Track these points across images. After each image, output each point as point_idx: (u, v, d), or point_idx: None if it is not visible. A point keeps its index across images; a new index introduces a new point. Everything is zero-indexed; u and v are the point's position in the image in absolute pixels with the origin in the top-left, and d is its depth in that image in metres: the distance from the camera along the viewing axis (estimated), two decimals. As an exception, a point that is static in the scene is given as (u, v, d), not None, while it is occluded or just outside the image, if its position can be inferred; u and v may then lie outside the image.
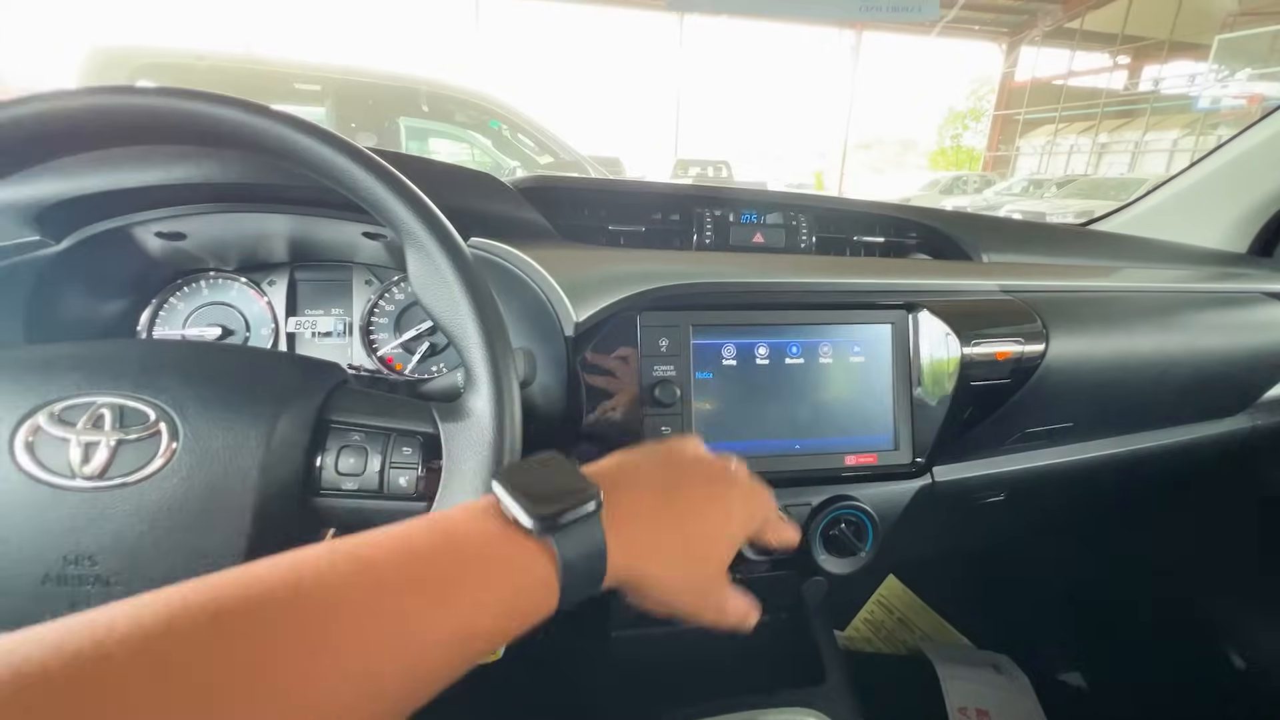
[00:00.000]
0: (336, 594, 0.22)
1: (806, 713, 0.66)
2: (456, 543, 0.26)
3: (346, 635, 0.21)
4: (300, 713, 0.19)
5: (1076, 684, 1.08)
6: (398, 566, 0.24)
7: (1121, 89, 15.62)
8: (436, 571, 0.24)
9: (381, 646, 0.22)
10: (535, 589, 0.27)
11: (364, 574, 0.23)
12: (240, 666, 0.19)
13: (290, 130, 0.36)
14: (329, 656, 0.20)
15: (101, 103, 0.34)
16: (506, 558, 0.26)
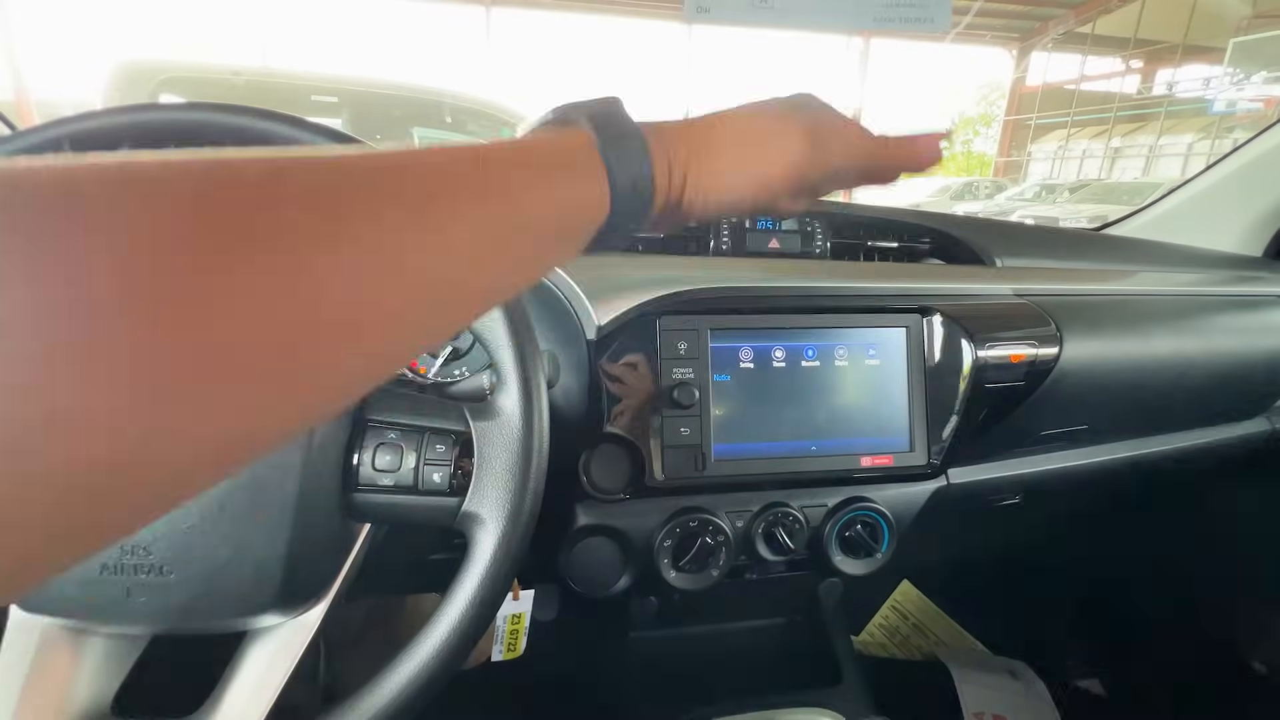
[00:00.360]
0: (446, 165, 0.21)
1: (823, 713, 0.67)
2: (480, 149, 0.24)
3: (465, 195, 0.20)
4: (415, 272, 0.18)
5: (1094, 691, 1.07)
6: (499, 149, 0.23)
7: (1135, 93, 15.50)
8: (528, 153, 0.24)
9: (499, 207, 0.21)
10: (575, 170, 0.26)
11: (469, 152, 0.22)
12: (355, 219, 0.17)
13: (329, 142, 0.37)
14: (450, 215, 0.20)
15: (152, 119, 0.36)
16: (562, 144, 0.26)
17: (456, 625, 0.35)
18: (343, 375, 0.18)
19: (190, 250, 0.14)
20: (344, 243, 0.16)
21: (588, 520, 0.56)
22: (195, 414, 0.14)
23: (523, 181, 0.23)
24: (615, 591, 0.58)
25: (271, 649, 0.37)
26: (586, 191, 0.26)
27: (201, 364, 0.14)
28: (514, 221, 0.22)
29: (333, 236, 0.16)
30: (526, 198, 0.23)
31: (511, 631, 0.62)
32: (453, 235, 0.20)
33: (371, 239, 0.17)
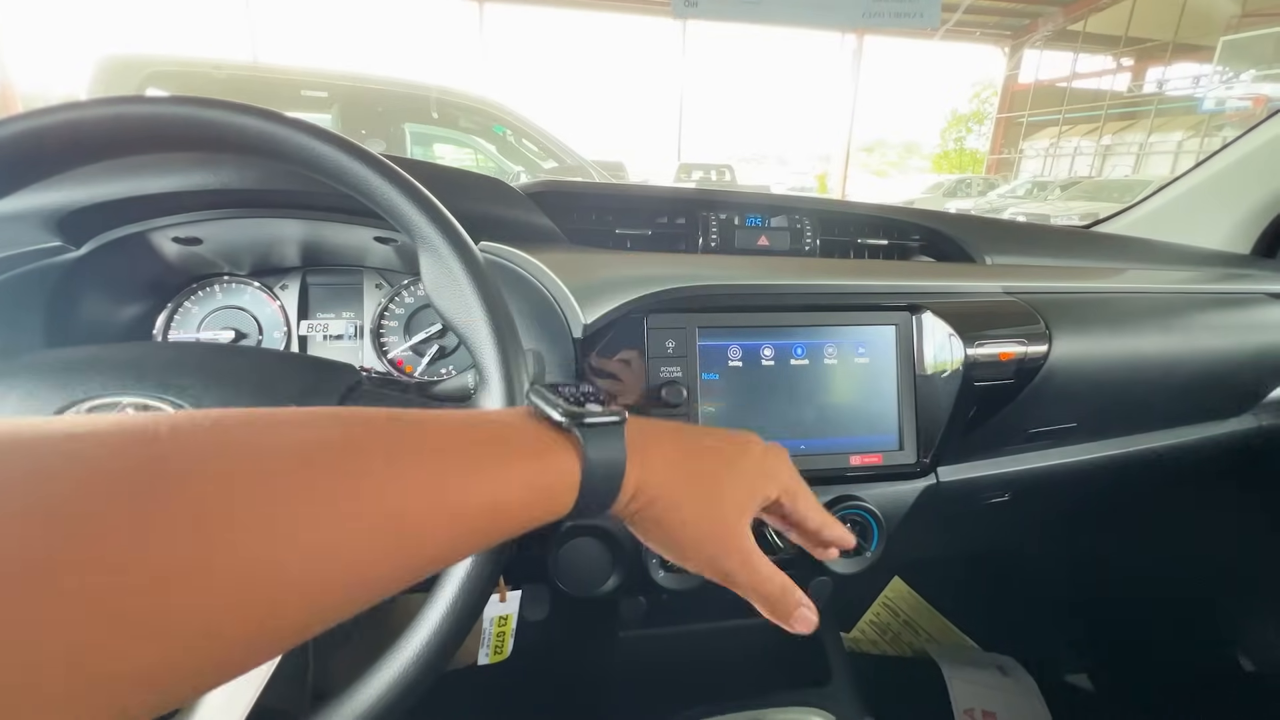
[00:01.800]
0: (382, 443, 0.22)
1: (813, 713, 0.67)
2: (491, 423, 0.27)
3: (386, 481, 0.22)
4: (335, 549, 0.20)
5: (1083, 686, 1.08)
6: (439, 428, 0.25)
7: (1125, 91, 15.59)
8: (473, 442, 0.25)
9: (419, 497, 0.22)
10: (559, 479, 0.27)
11: (409, 429, 0.24)
12: (277, 497, 0.19)
13: (307, 137, 0.37)
14: (371, 498, 0.21)
15: (125, 112, 0.35)
16: (536, 441, 0.28)
17: (437, 630, 0.35)
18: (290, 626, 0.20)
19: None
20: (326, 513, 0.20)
21: (575, 520, 0.56)
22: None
23: (492, 486, 0.25)
24: (604, 592, 0.58)
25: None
26: (556, 502, 0.28)
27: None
28: (487, 507, 0.25)
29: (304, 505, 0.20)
30: (503, 490, 0.25)
31: (498, 634, 0.61)
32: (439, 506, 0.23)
33: (363, 502, 0.21)
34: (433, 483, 0.23)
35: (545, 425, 0.29)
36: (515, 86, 22.53)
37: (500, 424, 0.28)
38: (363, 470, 0.21)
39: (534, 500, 0.27)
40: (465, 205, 0.49)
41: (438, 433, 0.25)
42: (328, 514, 0.20)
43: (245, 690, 0.36)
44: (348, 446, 0.21)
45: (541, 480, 0.27)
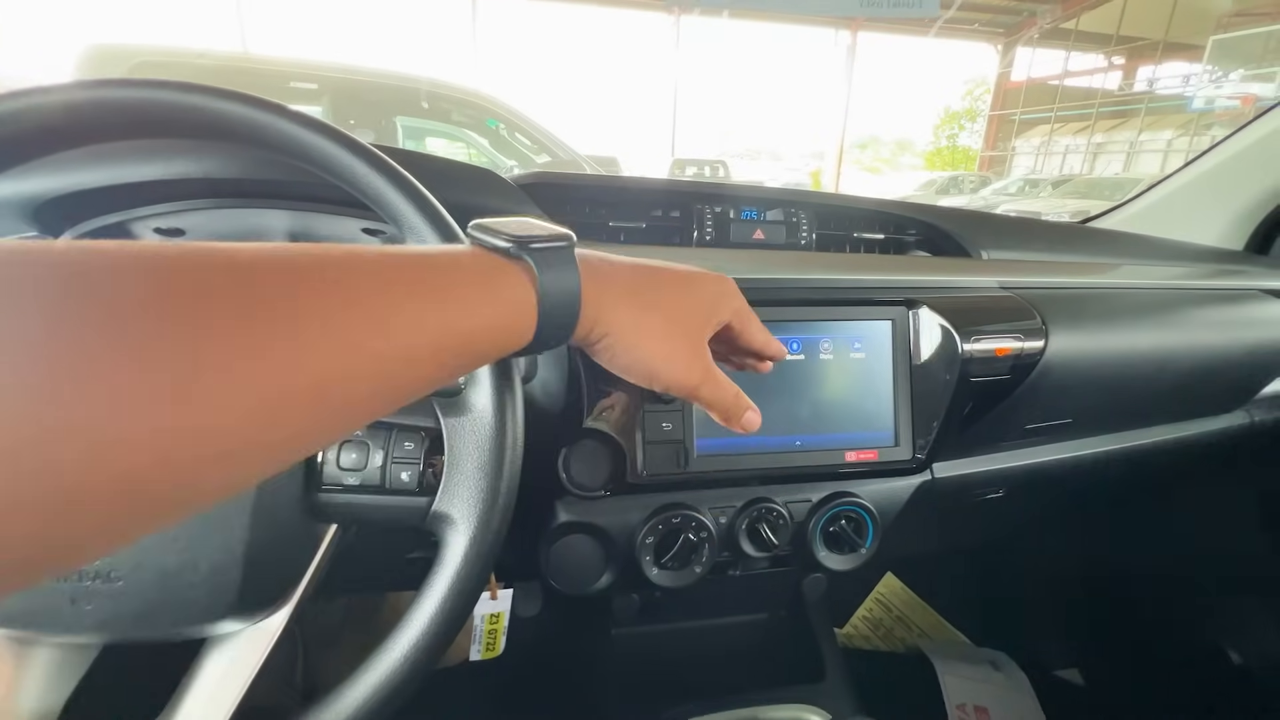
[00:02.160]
0: (333, 272, 0.22)
1: (807, 709, 0.67)
2: (435, 255, 0.26)
3: (340, 310, 0.21)
4: (293, 373, 0.19)
5: (1074, 680, 1.08)
6: (387, 260, 0.24)
7: (1116, 89, 15.69)
8: (421, 272, 0.25)
9: (374, 326, 0.22)
10: (517, 306, 0.27)
11: (357, 261, 0.23)
12: (237, 320, 0.19)
13: (293, 125, 0.35)
14: (322, 326, 0.21)
15: (104, 96, 0.33)
16: (484, 269, 0.27)
17: (427, 629, 0.34)
18: (300, 432, 0.20)
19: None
20: (302, 329, 0.20)
21: (568, 517, 0.55)
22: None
23: (461, 301, 0.25)
24: (597, 589, 0.57)
25: (230, 657, 0.35)
26: (514, 323, 0.28)
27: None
28: (446, 333, 0.25)
29: (292, 322, 0.20)
30: (462, 316, 0.25)
31: (490, 631, 0.60)
32: (394, 330, 0.22)
33: (330, 327, 0.21)
34: (395, 311, 0.23)
35: (495, 255, 0.28)
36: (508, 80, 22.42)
37: (451, 255, 0.27)
38: (353, 301, 0.21)
39: (496, 327, 0.27)
40: (455, 196, 0.48)
41: (400, 266, 0.24)
42: (326, 339, 0.20)
43: (230, 689, 0.35)
44: (339, 279, 0.22)
45: (500, 306, 0.27)
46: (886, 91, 30.34)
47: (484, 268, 0.27)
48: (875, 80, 25.99)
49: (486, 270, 0.27)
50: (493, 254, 0.28)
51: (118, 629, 0.33)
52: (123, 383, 0.16)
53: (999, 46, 17.51)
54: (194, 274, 0.18)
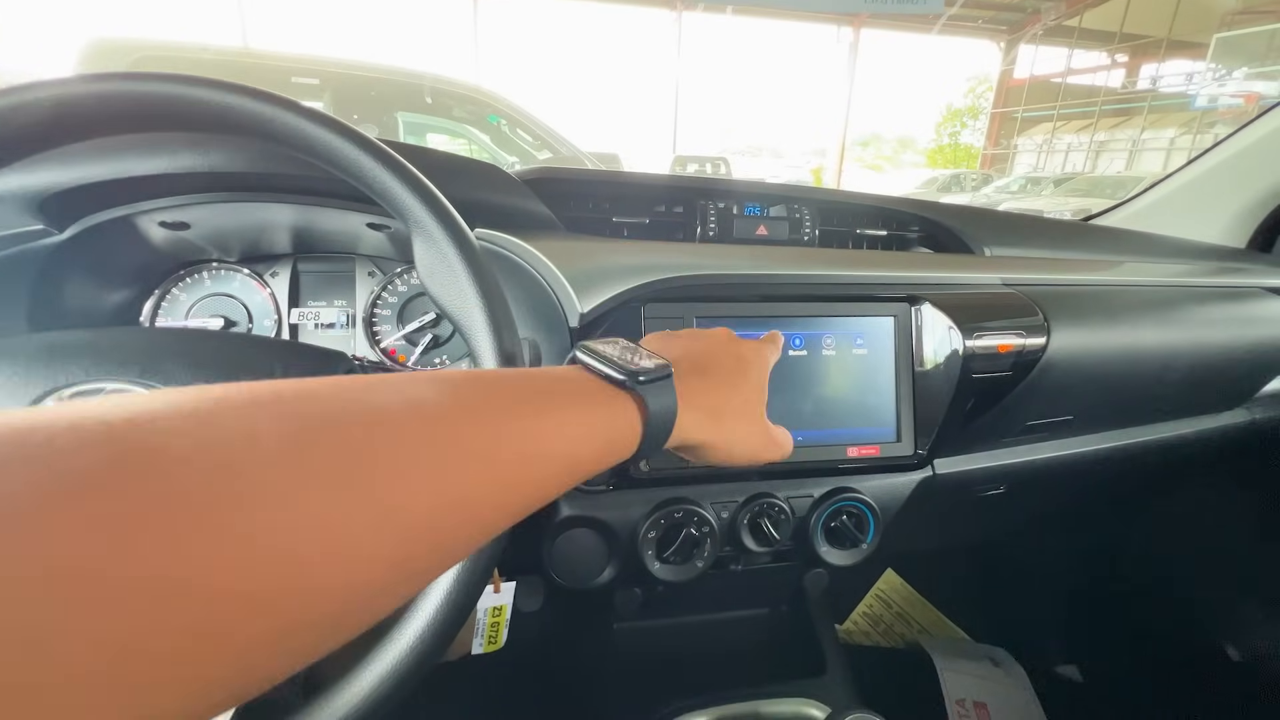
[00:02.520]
0: (480, 397, 0.24)
1: (807, 703, 0.67)
2: (562, 380, 0.30)
3: (489, 431, 0.23)
4: (452, 495, 0.21)
5: (1073, 677, 1.09)
6: (520, 385, 0.27)
7: (1119, 87, 15.64)
8: (553, 395, 0.28)
9: (519, 445, 0.24)
10: (624, 429, 0.30)
11: (496, 386, 0.25)
12: (346, 473, 0.19)
13: (298, 118, 0.36)
14: (478, 447, 0.22)
15: (109, 89, 0.33)
16: (604, 398, 0.30)
17: (430, 621, 0.34)
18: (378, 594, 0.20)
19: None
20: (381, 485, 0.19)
21: (570, 512, 0.55)
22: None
23: (570, 435, 0.27)
24: (599, 584, 0.57)
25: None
26: (620, 444, 0.31)
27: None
28: (551, 465, 0.26)
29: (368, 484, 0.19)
30: (580, 440, 0.28)
31: (493, 624, 0.60)
32: (524, 453, 0.24)
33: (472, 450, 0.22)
34: (528, 432, 0.25)
35: (603, 381, 0.31)
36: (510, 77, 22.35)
37: (569, 380, 0.30)
38: (469, 422, 0.23)
39: (606, 446, 0.30)
40: (460, 191, 0.48)
41: (520, 388, 0.26)
42: (443, 464, 0.21)
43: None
44: (454, 403, 0.23)
45: (611, 429, 0.30)
46: (889, 89, 30.27)
47: (602, 399, 0.30)
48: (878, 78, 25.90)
49: (603, 401, 0.30)
50: (606, 383, 0.31)
51: None
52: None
53: (1002, 44, 17.46)
54: (336, 428, 0.19)
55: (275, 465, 0.16)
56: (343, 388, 0.21)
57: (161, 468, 0.14)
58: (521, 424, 0.25)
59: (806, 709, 0.67)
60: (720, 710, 0.65)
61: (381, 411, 0.20)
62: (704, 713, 0.65)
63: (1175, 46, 13.59)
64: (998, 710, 0.96)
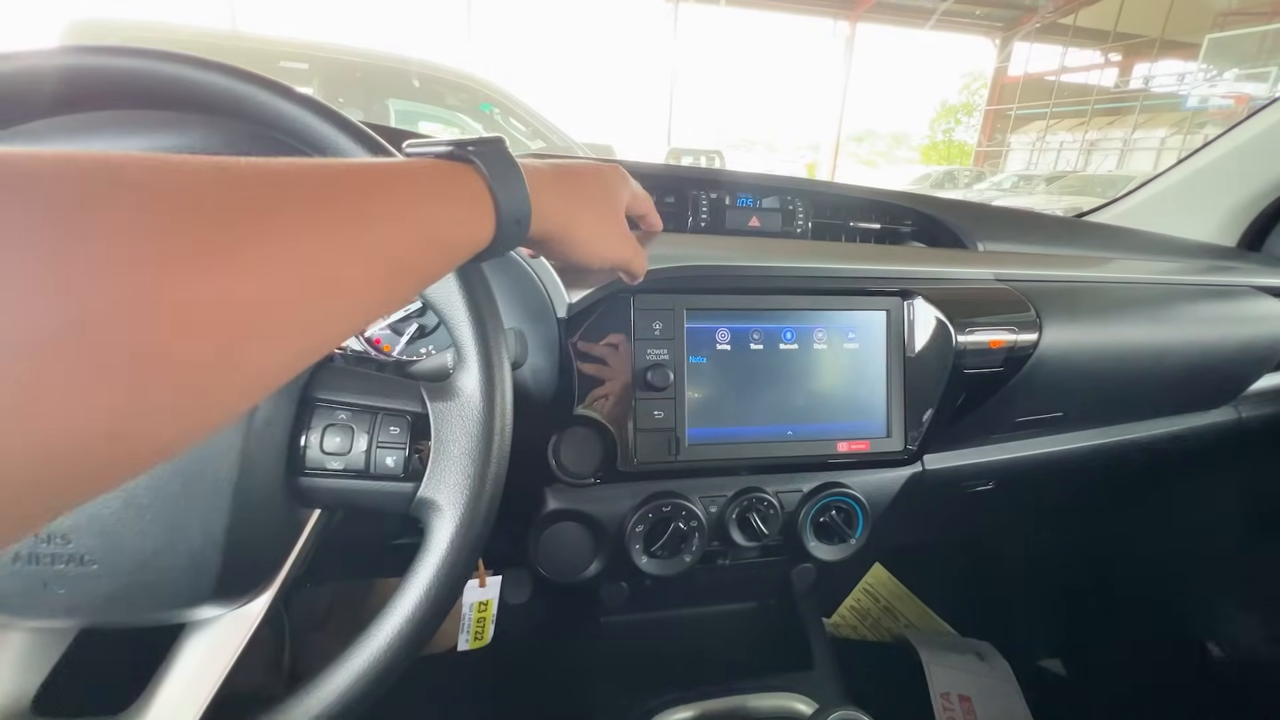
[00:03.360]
0: (282, 187, 0.21)
1: (794, 698, 0.67)
2: (391, 163, 0.26)
3: (296, 225, 0.21)
4: (298, 268, 0.20)
5: (1056, 670, 1.10)
6: (355, 169, 0.24)
7: (1112, 86, 15.71)
8: (389, 176, 0.25)
9: (333, 241, 0.21)
10: (473, 201, 0.29)
11: (331, 172, 0.23)
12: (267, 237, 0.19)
13: (275, 97, 0.34)
14: (287, 240, 0.20)
15: (80, 63, 0.32)
16: (438, 172, 0.28)
17: (410, 616, 0.33)
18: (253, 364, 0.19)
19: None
20: (261, 243, 0.19)
21: (557, 505, 0.55)
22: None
23: (418, 202, 0.26)
24: (586, 577, 0.57)
25: (209, 642, 0.35)
26: (476, 220, 0.29)
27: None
28: (411, 237, 0.25)
29: (255, 235, 0.19)
30: (424, 217, 0.26)
31: (478, 619, 0.60)
32: (358, 242, 0.22)
33: (292, 241, 0.20)
34: (384, 209, 0.23)
35: (440, 160, 0.29)
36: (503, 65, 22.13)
37: (404, 164, 0.27)
38: (326, 200, 0.21)
39: (462, 221, 0.28)
40: (445, 176, 0.47)
41: (369, 172, 0.24)
42: (303, 236, 0.20)
43: (209, 674, 0.34)
44: (304, 183, 0.21)
45: (462, 203, 0.28)
46: (883, 84, 30.23)
47: (437, 171, 0.28)
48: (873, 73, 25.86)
49: (441, 173, 0.28)
50: (438, 160, 0.29)
51: (92, 613, 0.32)
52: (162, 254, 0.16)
53: (997, 40, 17.47)
54: (188, 185, 0.18)
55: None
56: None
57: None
58: (379, 197, 0.23)
59: (793, 703, 0.66)
60: (706, 705, 0.65)
61: (249, 182, 0.19)
62: (690, 707, 0.65)
63: (1168, 46, 13.66)
64: (982, 703, 0.97)
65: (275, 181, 0.20)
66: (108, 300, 0.15)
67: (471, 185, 0.29)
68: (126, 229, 0.16)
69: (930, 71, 26.47)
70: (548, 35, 23.62)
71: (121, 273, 0.15)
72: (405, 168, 0.26)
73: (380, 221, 0.23)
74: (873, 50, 20.80)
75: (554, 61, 24.21)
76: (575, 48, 24.32)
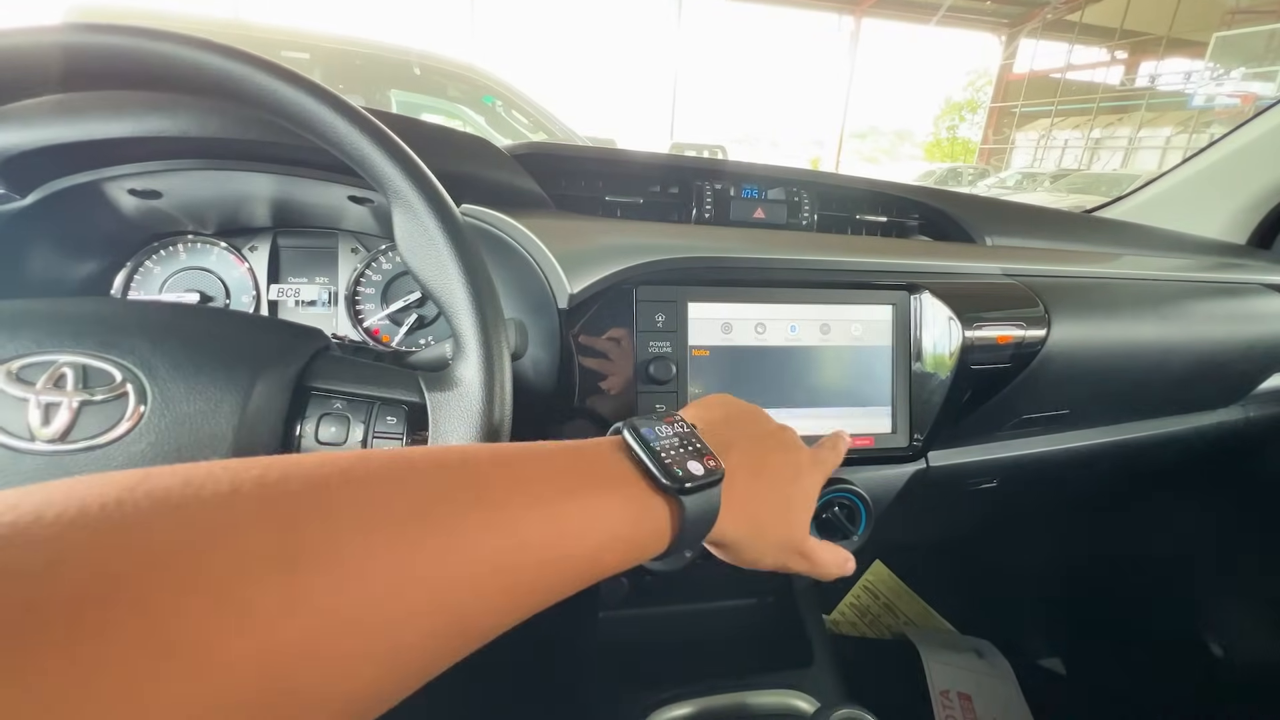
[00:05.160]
0: (494, 489, 0.22)
1: (794, 694, 0.66)
2: (596, 465, 0.27)
3: (499, 533, 0.21)
4: (450, 599, 0.20)
5: (1056, 669, 1.09)
6: (545, 470, 0.25)
7: (1118, 84, 15.62)
8: (578, 484, 0.25)
9: (529, 550, 0.22)
10: (653, 531, 0.28)
11: (514, 472, 0.24)
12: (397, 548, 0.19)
13: (270, 77, 0.33)
14: (484, 550, 0.21)
15: (66, 41, 0.31)
16: (642, 495, 0.28)
17: None
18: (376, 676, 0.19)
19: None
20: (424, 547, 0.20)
21: (557, 499, 0.54)
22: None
23: (610, 525, 0.26)
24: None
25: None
26: (652, 549, 0.29)
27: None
28: (590, 561, 0.25)
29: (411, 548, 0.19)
30: (611, 538, 0.26)
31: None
32: (539, 541, 0.23)
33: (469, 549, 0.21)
34: (550, 531, 0.23)
35: (646, 479, 0.29)
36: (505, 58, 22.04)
37: (607, 466, 0.28)
38: (479, 523, 0.21)
39: (630, 548, 0.27)
40: (446, 164, 0.46)
41: (545, 475, 0.25)
42: (441, 566, 0.20)
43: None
44: (462, 496, 0.22)
45: (642, 531, 0.28)
46: (887, 81, 30.08)
47: (639, 496, 0.28)
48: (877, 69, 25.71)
49: (641, 499, 0.28)
50: (646, 483, 0.29)
51: None
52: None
53: (1002, 37, 17.37)
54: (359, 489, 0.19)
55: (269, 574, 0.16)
56: (342, 473, 0.20)
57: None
58: (544, 523, 0.23)
59: (793, 700, 0.66)
60: (705, 701, 0.65)
61: (376, 508, 0.19)
62: (688, 703, 0.64)
63: (1175, 44, 13.57)
64: (982, 701, 0.97)
65: (483, 501, 0.21)
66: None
67: (665, 522, 0.29)
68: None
69: (935, 68, 26.34)
70: (551, 28, 23.50)
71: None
72: (607, 480, 0.27)
73: (552, 555, 0.23)
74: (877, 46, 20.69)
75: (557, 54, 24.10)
76: (578, 41, 24.20)
